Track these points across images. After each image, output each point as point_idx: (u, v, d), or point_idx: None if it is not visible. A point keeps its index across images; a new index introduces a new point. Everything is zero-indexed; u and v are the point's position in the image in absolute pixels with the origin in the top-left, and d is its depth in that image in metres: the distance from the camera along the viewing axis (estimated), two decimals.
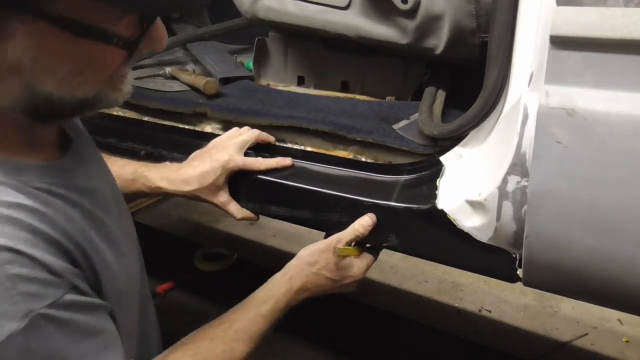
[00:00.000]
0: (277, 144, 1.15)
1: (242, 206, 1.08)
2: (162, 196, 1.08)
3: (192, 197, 1.06)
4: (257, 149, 1.11)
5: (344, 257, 0.97)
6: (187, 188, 1.04)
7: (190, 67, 1.52)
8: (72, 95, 0.62)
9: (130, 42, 0.61)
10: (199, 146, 1.11)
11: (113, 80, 0.65)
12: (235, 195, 1.08)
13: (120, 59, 0.62)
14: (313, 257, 0.98)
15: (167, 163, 1.09)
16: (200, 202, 1.09)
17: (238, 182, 1.07)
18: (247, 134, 1.10)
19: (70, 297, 0.62)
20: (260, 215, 1.10)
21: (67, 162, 0.72)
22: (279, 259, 1.01)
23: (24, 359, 0.56)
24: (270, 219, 1.13)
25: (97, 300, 0.67)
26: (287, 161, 1.08)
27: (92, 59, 0.60)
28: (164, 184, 1.04)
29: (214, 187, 1.05)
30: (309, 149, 1.14)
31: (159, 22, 0.65)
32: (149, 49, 0.66)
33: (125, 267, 0.77)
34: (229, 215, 1.09)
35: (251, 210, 1.09)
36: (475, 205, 0.87)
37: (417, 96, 1.20)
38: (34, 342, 0.56)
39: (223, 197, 1.06)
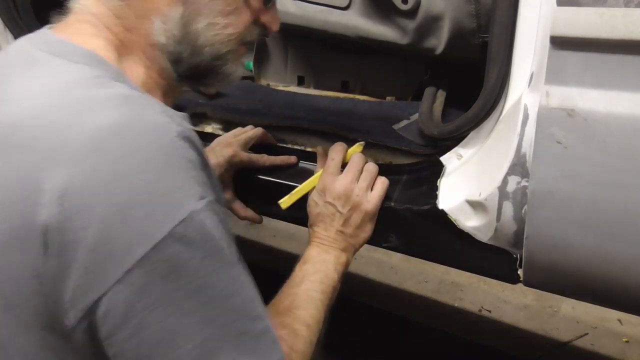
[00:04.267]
0: (279, 144, 1.15)
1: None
2: None
3: None
4: (257, 150, 1.11)
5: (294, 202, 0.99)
6: None
7: None
8: (212, 45, 0.72)
9: (258, 7, 0.75)
10: None
11: (239, 47, 0.75)
12: (238, 196, 1.07)
13: (251, 17, 0.75)
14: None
15: None
16: None
17: (241, 182, 1.07)
18: (251, 132, 1.10)
19: (223, 211, 0.65)
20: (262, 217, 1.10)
21: (188, 118, 0.74)
22: (279, 259, 1.02)
23: (202, 242, 0.58)
24: (270, 218, 1.13)
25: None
26: (292, 159, 1.08)
27: (238, 1, 0.72)
28: None
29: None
30: (309, 149, 1.14)
31: (276, 6, 0.80)
32: (268, 23, 0.78)
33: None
34: (234, 213, 1.08)
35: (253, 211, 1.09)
36: (475, 205, 0.87)
37: (417, 96, 1.20)
38: (210, 226, 0.59)
39: (227, 195, 1.06)
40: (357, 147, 1.01)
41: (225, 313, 0.60)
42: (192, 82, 0.79)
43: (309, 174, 1.04)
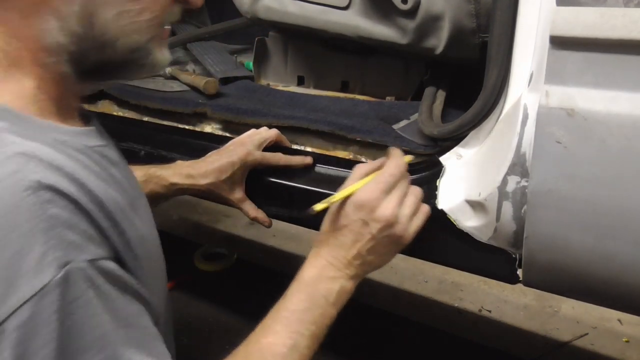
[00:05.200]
0: (293, 147, 1.14)
1: None
2: (175, 195, 1.03)
3: (206, 193, 1.03)
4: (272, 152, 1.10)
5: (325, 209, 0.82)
6: (203, 181, 1.01)
7: (190, 67, 1.52)
8: (126, 37, 0.61)
9: None
10: (199, 146, 1.11)
11: (160, 31, 0.65)
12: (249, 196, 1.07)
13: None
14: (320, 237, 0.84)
15: (179, 162, 1.07)
16: (209, 201, 1.08)
17: (254, 183, 1.06)
18: (266, 133, 1.09)
19: (113, 265, 0.54)
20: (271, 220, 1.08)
21: (94, 132, 0.67)
22: (279, 259, 1.01)
23: (58, 323, 0.48)
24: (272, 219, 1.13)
25: (142, 289, 0.59)
26: (308, 160, 1.06)
27: None
28: (177, 179, 1.01)
29: (231, 182, 1.02)
30: (308, 149, 1.14)
31: None
32: None
33: (157, 253, 0.72)
34: (244, 213, 1.07)
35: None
36: (475, 205, 0.87)
37: (417, 96, 1.20)
38: (69, 302, 0.49)
39: (239, 194, 1.04)
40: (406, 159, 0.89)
41: None
42: (99, 79, 0.67)
43: (324, 178, 1.04)
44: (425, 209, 0.85)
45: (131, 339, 0.54)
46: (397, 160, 0.85)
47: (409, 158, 0.90)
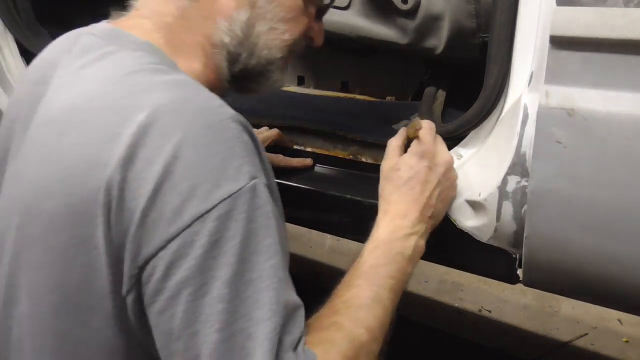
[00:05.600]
0: (294, 147, 1.14)
1: None
2: None
3: None
4: (272, 152, 1.10)
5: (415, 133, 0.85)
6: None
7: None
8: (269, 49, 0.75)
9: (312, 17, 0.80)
10: None
11: (288, 56, 0.79)
12: None
13: (305, 27, 0.79)
14: (387, 174, 0.85)
15: None
16: None
17: None
18: (266, 133, 1.10)
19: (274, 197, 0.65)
20: None
21: None
22: None
23: (246, 221, 0.58)
24: None
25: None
26: (308, 161, 1.07)
27: (297, 10, 0.76)
28: None
29: None
30: (308, 149, 1.14)
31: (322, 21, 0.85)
32: (314, 36, 0.83)
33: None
34: None
35: None
36: (475, 205, 0.87)
37: (417, 96, 1.20)
38: (254, 208, 0.59)
39: None
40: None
41: (256, 305, 0.57)
42: (240, 84, 0.80)
43: (324, 177, 1.04)
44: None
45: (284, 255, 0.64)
46: (427, 122, 0.90)
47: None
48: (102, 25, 0.73)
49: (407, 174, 0.82)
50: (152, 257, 0.57)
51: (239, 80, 0.77)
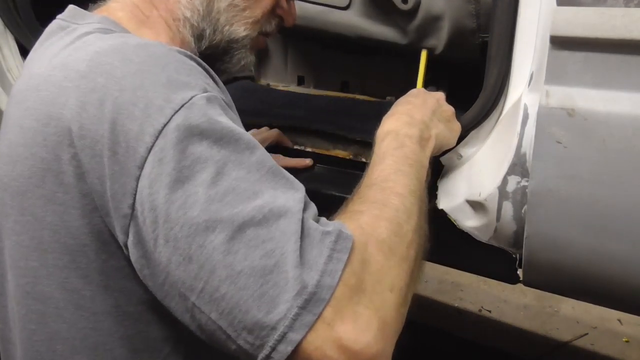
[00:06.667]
0: (295, 147, 1.14)
1: None
2: None
3: None
4: (272, 152, 1.10)
5: None
6: None
7: None
8: (231, 26, 0.76)
9: None
10: None
11: (258, 33, 0.79)
12: None
13: (269, 5, 0.78)
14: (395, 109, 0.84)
15: None
16: None
17: None
18: (266, 133, 1.10)
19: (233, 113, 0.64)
20: None
21: None
22: None
23: (209, 124, 0.56)
24: None
25: None
26: (306, 161, 1.07)
27: None
28: None
29: None
30: (308, 149, 1.14)
31: (294, 3, 0.85)
32: (284, 15, 0.82)
33: None
34: None
35: None
36: (475, 205, 0.87)
37: None
38: (215, 112, 0.58)
39: None
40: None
41: (255, 197, 0.54)
42: (208, 63, 0.77)
43: (324, 177, 1.04)
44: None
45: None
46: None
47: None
48: (68, 9, 0.75)
49: (404, 99, 0.85)
50: (136, 191, 0.55)
51: (208, 58, 0.74)
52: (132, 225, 0.56)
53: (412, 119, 0.78)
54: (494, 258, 0.89)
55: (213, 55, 0.78)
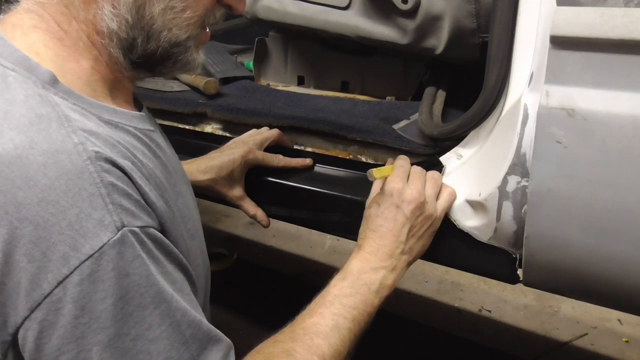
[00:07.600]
0: (295, 147, 1.14)
1: None
2: None
3: (205, 189, 1.03)
4: (273, 152, 1.10)
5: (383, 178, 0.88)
6: (202, 177, 1.01)
7: None
8: (169, 31, 0.66)
9: None
10: (199, 146, 1.10)
11: (201, 30, 0.70)
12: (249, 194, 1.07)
13: (206, 1, 0.68)
14: (367, 212, 0.87)
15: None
16: (209, 201, 1.08)
17: (253, 181, 1.07)
18: (267, 133, 1.10)
19: (160, 235, 0.60)
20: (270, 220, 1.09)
21: (144, 117, 0.73)
22: (279, 259, 1.01)
23: (116, 279, 0.53)
24: (271, 219, 1.13)
25: (184, 261, 0.64)
26: (307, 162, 1.07)
27: None
28: None
29: (231, 179, 1.03)
30: (309, 149, 1.14)
31: None
32: (233, 3, 0.73)
33: (199, 235, 0.77)
34: (243, 211, 1.07)
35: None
36: (475, 205, 0.87)
37: (417, 96, 1.20)
38: (126, 262, 0.54)
39: (238, 192, 1.05)
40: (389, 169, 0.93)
41: (150, 357, 0.55)
42: (146, 70, 0.72)
43: (324, 177, 1.04)
44: (449, 189, 0.89)
45: (181, 299, 0.59)
46: (401, 158, 0.91)
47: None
48: None
49: (375, 212, 0.85)
50: (20, 326, 0.53)
51: (144, 66, 0.70)
52: (11, 351, 0.55)
53: (378, 257, 0.81)
54: (494, 258, 0.89)
55: (151, 62, 0.70)
